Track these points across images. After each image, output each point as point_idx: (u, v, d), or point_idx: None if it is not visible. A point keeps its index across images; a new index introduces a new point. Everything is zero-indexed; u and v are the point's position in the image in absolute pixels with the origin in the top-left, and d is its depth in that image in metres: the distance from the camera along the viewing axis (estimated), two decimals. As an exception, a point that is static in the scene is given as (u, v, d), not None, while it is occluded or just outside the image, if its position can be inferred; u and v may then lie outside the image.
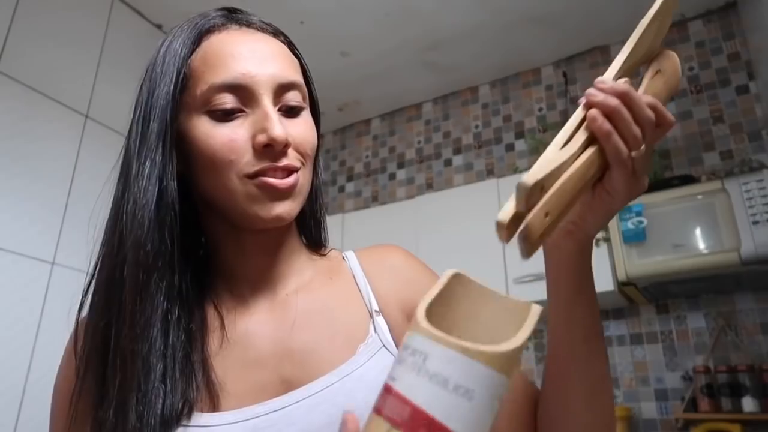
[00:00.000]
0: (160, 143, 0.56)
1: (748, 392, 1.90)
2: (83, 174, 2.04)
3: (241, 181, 0.54)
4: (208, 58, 0.57)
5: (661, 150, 2.45)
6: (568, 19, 2.58)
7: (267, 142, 0.53)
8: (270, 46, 0.59)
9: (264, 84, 0.55)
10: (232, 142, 0.54)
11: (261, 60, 0.57)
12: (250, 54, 0.57)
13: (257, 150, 0.54)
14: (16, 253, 1.79)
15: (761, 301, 2.11)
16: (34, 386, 1.74)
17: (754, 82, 2.35)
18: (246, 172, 0.54)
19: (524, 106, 2.90)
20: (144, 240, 0.53)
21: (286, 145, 0.54)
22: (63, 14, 2.10)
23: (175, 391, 0.51)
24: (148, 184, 0.54)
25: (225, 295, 0.60)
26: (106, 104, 2.19)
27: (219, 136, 0.54)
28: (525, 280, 2.23)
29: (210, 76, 0.55)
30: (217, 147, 0.54)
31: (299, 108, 0.58)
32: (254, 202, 0.54)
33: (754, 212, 1.87)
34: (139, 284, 0.52)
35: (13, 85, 1.88)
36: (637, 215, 2.08)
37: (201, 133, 0.55)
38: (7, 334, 1.72)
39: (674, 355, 2.20)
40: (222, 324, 0.58)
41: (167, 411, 0.50)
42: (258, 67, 0.56)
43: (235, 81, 0.55)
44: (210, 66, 0.56)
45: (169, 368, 0.51)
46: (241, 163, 0.54)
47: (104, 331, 0.53)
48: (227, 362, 0.55)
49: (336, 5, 2.46)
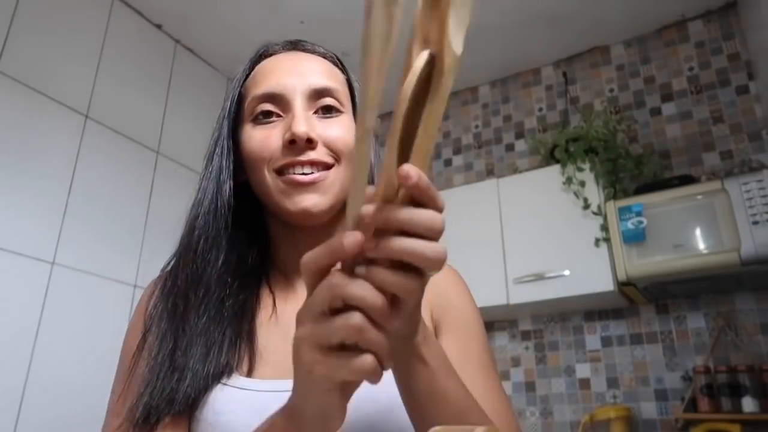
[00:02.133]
0: (219, 151, 0.66)
1: (748, 392, 1.90)
2: (83, 174, 2.04)
3: (272, 176, 0.61)
4: (256, 77, 0.66)
5: (661, 150, 2.45)
6: (568, 19, 2.58)
7: (290, 138, 0.60)
8: (310, 60, 0.67)
9: (297, 90, 0.63)
10: (266, 140, 0.62)
11: (298, 72, 0.64)
12: (290, 68, 0.65)
13: (285, 146, 0.61)
14: (16, 252, 1.79)
15: (761, 301, 2.10)
16: (34, 386, 1.74)
17: (754, 82, 2.35)
18: (275, 166, 0.61)
19: (524, 106, 2.90)
20: (205, 222, 0.64)
21: (309, 140, 0.60)
22: (63, 14, 2.10)
23: (222, 351, 0.58)
24: (209, 182, 0.66)
25: (280, 281, 0.68)
26: (106, 104, 2.19)
27: (256, 136, 0.63)
28: (525, 280, 2.23)
29: (254, 90, 0.65)
30: (254, 146, 0.63)
31: (335, 110, 0.64)
32: (284, 195, 0.61)
33: (754, 212, 1.87)
34: (202, 255, 0.63)
35: (13, 85, 1.88)
36: (637, 215, 2.08)
37: (245, 137, 0.64)
38: (7, 334, 1.72)
39: (674, 355, 2.20)
40: (273, 302, 0.65)
41: (211, 368, 0.56)
42: (294, 77, 0.64)
43: (272, 90, 0.63)
44: (256, 83, 0.66)
45: (218, 331, 0.59)
46: (272, 159, 0.61)
47: (173, 292, 0.62)
48: (271, 336, 0.62)
49: (336, 5, 2.46)
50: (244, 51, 0.73)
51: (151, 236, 2.22)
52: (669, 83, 2.54)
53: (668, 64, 2.57)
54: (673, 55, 2.57)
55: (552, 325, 2.47)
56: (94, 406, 1.94)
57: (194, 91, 2.65)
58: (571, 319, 2.44)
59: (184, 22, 2.50)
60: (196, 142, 2.59)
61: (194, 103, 2.61)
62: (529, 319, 2.53)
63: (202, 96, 2.68)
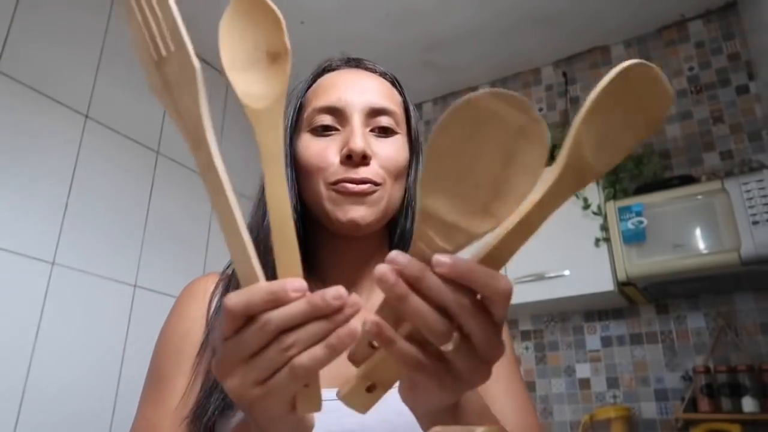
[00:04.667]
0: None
1: (748, 392, 1.90)
2: (83, 174, 2.04)
3: (326, 187, 0.63)
4: (318, 90, 0.68)
5: (661, 150, 2.45)
6: (568, 19, 2.58)
7: (347, 153, 0.61)
8: (370, 79, 0.69)
9: (356, 107, 0.65)
10: (323, 152, 0.63)
11: (359, 90, 0.66)
12: (350, 85, 0.67)
13: (342, 161, 0.62)
14: (16, 252, 1.79)
15: (761, 301, 2.10)
16: (34, 386, 1.74)
17: (754, 82, 2.35)
18: (330, 180, 0.62)
19: (524, 106, 2.90)
20: (264, 229, 0.64)
21: (365, 156, 0.62)
22: (63, 14, 2.10)
23: None
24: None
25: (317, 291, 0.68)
26: (106, 104, 2.19)
27: (314, 147, 0.64)
28: (525, 280, 2.23)
29: (315, 102, 0.67)
30: (311, 156, 0.64)
31: (391, 131, 0.66)
32: (334, 204, 0.62)
33: (754, 212, 1.87)
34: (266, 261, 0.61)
35: (13, 85, 1.88)
36: (637, 215, 2.08)
37: (302, 146, 0.66)
38: (7, 334, 1.72)
39: (674, 355, 2.20)
40: None
41: None
42: (354, 94, 0.65)
43: (331, 104, 0.65)
44: (317, 95, 0.67)
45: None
46: (328, 172, 0.63)
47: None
48: None
49: (336, 5, 2.46)
50: (244, 51, 0.74)
51: (151, 236, 2.22)
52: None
53: (668, 64, 2.57)
54: (673, 55, 2.57)
55: (552, 325, 2.47)
56: (94, 406, 1.95)
57: (194, 91, 2.64)
58: (571, 319, 2.44)
59: (184, 21, 2.49)
60: (196, 142, 2.59)
61: (194, 103, 2.61)
62: (529, 319, 2.53)
63: (202, 96, 2.67)
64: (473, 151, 0.34)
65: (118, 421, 1.93)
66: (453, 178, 0.34)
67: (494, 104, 0.33)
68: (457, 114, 0.33)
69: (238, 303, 0.35)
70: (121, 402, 1.96)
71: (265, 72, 0.40)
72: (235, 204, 0.37)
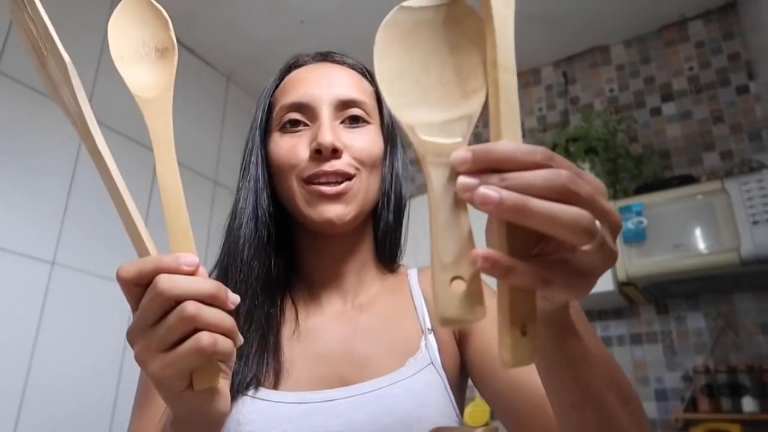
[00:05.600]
0: (254, 160, 0.67)
1: (748, 392, 1.90)
2: (83, 174, 2.04)
3: (299, 184, 0.62)
4: (286, 87, 0.68)
5: (661, 150, 2.45)
6: (568, 19, 2.58)
7: (316, 147, 0.61)
8: (338, 72, 0.68)
9: (324, 100, 0.64)
10: (293, 149, 0.63)
11: (327, 83, 0.65)
12: (318, 79, 0.66)
13: (311, 156, 0.62)
14: (16, 252, 1.79)
15: (761, 301, 2.10)
16: (34, 386, 1.74)
17: (754, 82, 2.35)
18: (302, 176, 0.62)
19: (524, 106, 2.90)
20: (249, 231, 0.64)
21: (335, 149, 0.61)
22: (63, 13, 2.09)
23: (249, 363, 0.58)
24: (248, 192, 0.66)
25: (303, 294, 0.69)
26: (105, 103, 2.18)
27: (284, 145, 0.64)
28: (525, 280, 2.23)
29: (283, 99, 0.66)
30: (282, 154, 0.64)
31: (362, 120, 0.65)
32: (309, 204, 0.62)
33: (754, 212, 1.87)
34: (248, 264, 0.63)
35: (13, 85, 1.88)
36: (637, 215, 2.08)
37: (273, 146, 0.65)
38: (7, 334, 1.72)
39: (674, 355, 2.20)
40: (296, 316, 0.66)
41: (239, 380, 0.57)
42: (321, 88, 0.65)
43: (299, 100, 0.64)
44: (285, 93, 0.67)
45: (247, 344, 0.59)
46: (299, 168, 0.62)
47: None
48: (295, 349, 0.63)
49: (336, 5, 2.46)
50: (244, 51, 0.74)
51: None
52: (669, 83, 2.54)
53: (668, 64, 2.57)
54: (673, 55, 2.57)
55: (552, 325, 2.47)
56: (94, 406, 1.95)
57: (194, 90, 2.65)
58: (571, 319, 2.44)
59: (185, 22, 2.50)
60: (196, 142, 2.60)
61: (194, 103, 2.61)
62: (529, 319, 2.52)
63: (201, 96, 2.68)
64: (420, 60, 0.35)
65: (118, 421, 1.93)
66: (418, 90, 0.35)
67: (405, 15, 0.35)
68: (383, 39, 0.35)
69: (129, 271, 0.39)
70: (121, 402, 1.96)
71: (154, 65, 0.45)
72: (123, 186, 0.42)
